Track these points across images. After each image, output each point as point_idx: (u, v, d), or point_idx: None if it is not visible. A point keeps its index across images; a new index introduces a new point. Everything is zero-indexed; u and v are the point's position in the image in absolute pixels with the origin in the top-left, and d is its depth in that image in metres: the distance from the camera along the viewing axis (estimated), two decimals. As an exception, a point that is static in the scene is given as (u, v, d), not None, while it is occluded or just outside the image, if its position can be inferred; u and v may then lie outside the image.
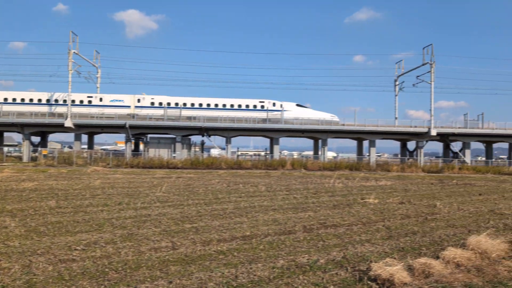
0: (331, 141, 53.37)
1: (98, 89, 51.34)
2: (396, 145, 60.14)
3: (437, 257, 7.19)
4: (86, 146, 52.48)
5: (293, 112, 49.97)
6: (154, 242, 8.36)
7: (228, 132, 45.80)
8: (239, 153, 59.99)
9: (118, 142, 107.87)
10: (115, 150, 60.95)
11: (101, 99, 46.67)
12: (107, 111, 45.83)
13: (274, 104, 49.56)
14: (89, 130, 46.13)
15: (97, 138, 60.34)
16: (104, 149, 68.38)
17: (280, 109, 48.83)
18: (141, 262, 6.93)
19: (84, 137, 49.80)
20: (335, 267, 6.71)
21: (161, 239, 8.59)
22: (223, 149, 47.68)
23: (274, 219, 11.41)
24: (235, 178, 26.88)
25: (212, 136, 47.38)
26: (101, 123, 43.87)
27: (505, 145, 54.81)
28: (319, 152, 50.75)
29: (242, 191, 18.95)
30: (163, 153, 43.05)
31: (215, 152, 55.41)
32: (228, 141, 46.04)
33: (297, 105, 50.93)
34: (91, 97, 46.69)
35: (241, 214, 12.16)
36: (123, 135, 45.19)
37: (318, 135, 49.42)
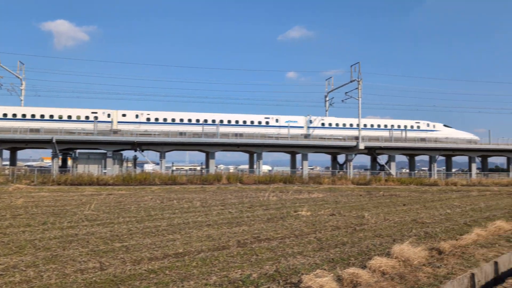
0: (266, 155, 54.45)
1: (22, 102, 48.41)
2: (327, 158, 62.28)
3: (365, 267, 7.48)
4: (8, 163, 49.09)
5: (442, 132, 56.80)
6: (80, 263, 7.96)
7: (162, 147, 44.97)
8: (174, 168, 59.09)
9: (44, 158, 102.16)
10: (41, 167, 57.58)
11: (277, 120, 50.87)
12: (283, 131, 49.98)
13: (428, 125, 55.75)
14: (11, 145, 43.33)
15: (22, 154, 56.72)
16: (28, 166, 64.32)
17: (433, 129, 55.59)
18: (65, 285, 6.56)
19: (6, 153, 46.60)
20: (267, 281, 6.78)
21: (88, 260, 8.20)
22: (157, 164, 46.73)
23: (208, 234, 11.32)
24: (170, 194, 26.38)
25: (145, 151, 46.35)
26: (24, 138, 41.34)
27: (426, 157, 58.63)
28: (255, 166, 51.24)
29: (176, 207, 18.63)
30: (93, 169, 41.31)
31: (148, 167, 54.25)
32: (162, 156, 45.16)
33: (444, 125, 57.78)
34: (268, 118, 50.85)
35: (175, 231, 11.93)
36: (50, 150, 42.88)
37: (253, 149, 49.91)
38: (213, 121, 48.78)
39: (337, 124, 53.20)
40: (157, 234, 11.35)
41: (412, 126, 55.10)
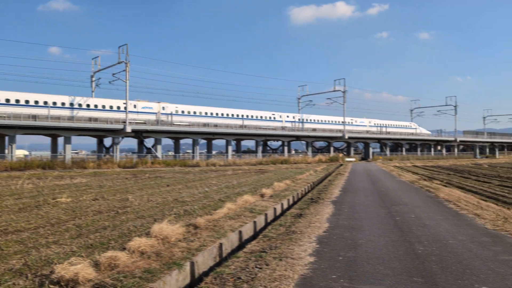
0: (22, 138, 48.61)
1: None
2: (94, 141, 59.58)
3: (124, 249, 7.56)
4: None
5: (418, 130, 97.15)
6: None
7: None
8: None
9: None
10: None
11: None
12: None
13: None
14: None
15: None
16: None
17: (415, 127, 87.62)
18: None
19: None
20: (12, 276, 6.14)
21: None
22: None
23: None
24: None
25: None
26: None
27: (191, 140, 62.38)
28: (6, 151, 45.02)
29: None
30: None
31: None
32: None
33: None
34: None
35: None
36: None
37: (3, 131, 43.66)
38: None
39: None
40: None
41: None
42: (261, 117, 68.74)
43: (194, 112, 59.55)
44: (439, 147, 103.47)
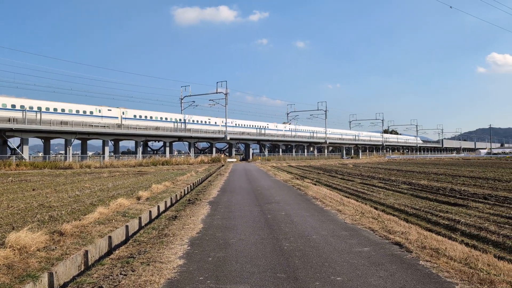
0: None
1: None
2: None
3: (-30, 263, 6.73)
4: None
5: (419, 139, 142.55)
6: None
7: None
8: None
9: None
10: None
11: None
12: None
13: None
14: None
15: None
16: None
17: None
18: None
19: None
20: None
21: None
22: None
23: None
24: None
25: None
26: None
27: (63, 141, 57.85)
28: None
29: None
30: None
31: None
32: None
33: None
34: None
35: None
36: None
37: None
38: None
39: None
40: None
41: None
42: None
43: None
44: (311, 148, 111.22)
